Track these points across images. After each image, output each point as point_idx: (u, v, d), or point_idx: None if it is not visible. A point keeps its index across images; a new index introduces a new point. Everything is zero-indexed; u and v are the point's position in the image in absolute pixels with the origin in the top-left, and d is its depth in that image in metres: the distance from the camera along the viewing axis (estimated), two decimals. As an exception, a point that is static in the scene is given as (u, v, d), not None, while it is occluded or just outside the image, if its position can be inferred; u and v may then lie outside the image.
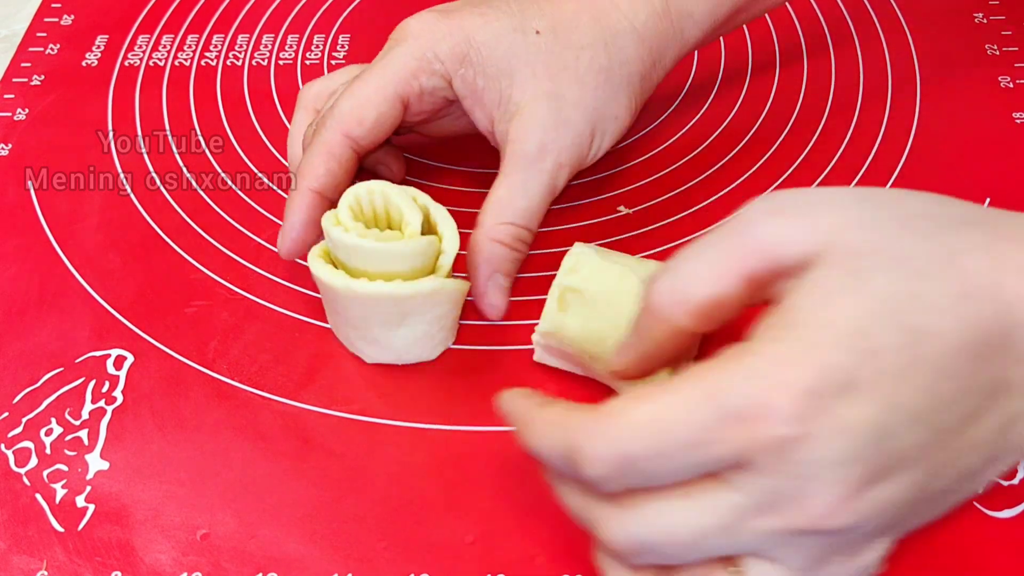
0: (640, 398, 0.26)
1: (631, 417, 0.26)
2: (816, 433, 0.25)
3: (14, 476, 0.37)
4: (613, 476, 0.26)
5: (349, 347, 0.40)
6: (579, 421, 0.27)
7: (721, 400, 0.25)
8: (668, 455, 0.26)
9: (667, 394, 0.26)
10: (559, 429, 0.27)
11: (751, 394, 0.25)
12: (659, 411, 0.26)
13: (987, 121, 0.48)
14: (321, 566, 0.34)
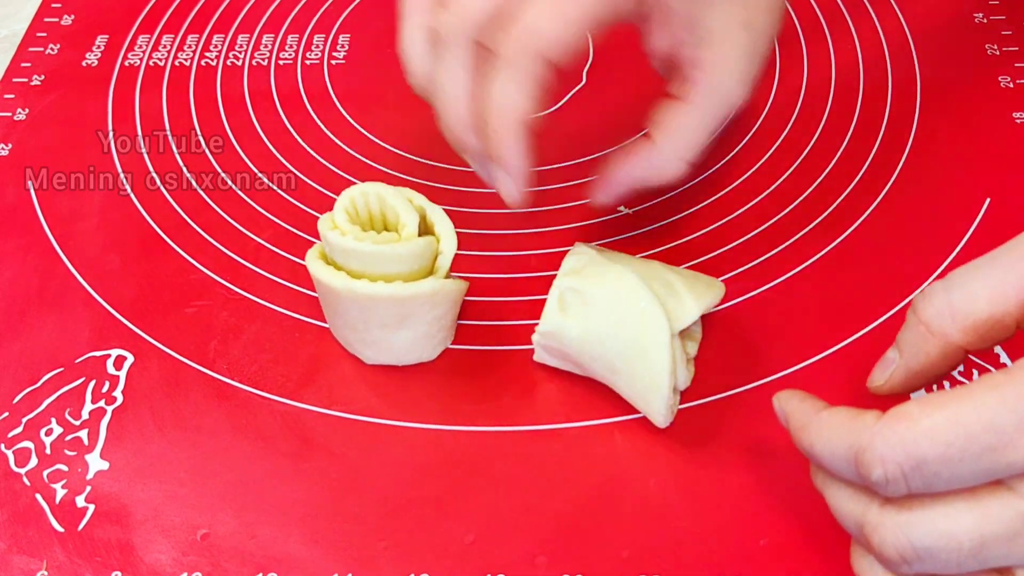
0: (936, 403, 0.26)
1: (928, 420, 0.26)
2: None
3: (14, 476, 0.37)
4: (900, 479, 0.26)
5: (348, 349, 0.40)
6: (870, 422, 0.27)
7: (1022, 407, 0.25)
8: (961, 459, 0.26)
9: (964, 400, 0.26)
10: (847, 430, 0.28)
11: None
12: (957, 414, 0.26)
13: (987, 121, 0.48)
14: (321, 566, 0.34)
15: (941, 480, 0.26)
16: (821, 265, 0.43)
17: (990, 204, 0.45)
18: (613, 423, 0.38)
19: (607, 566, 0.34)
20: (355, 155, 0.49)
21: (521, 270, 0.43)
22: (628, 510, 0.35)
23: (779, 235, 0.44)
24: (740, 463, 0.36)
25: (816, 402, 0.30)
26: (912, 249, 0.43)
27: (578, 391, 0.39)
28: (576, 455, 0.37)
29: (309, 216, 0.46)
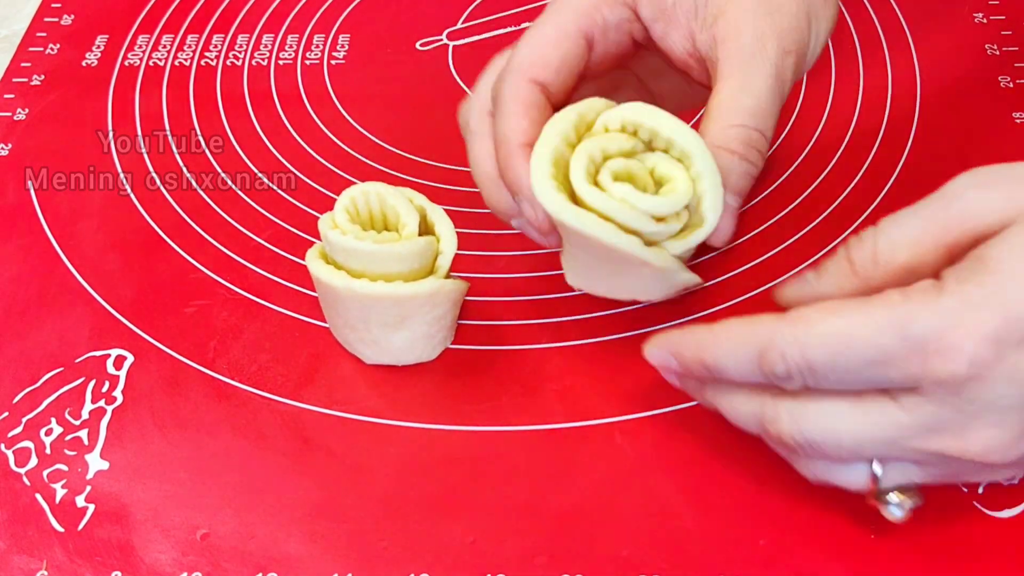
0: (833, 311, 0.29)
1: (822, 326, 0.28)
2: (991, 377, 0.27)
3: (14, 476, 0.37)
4: (797, 374, 0.29)
5: (348, 349, 0.40)
6: (770, 323, 0.30)
7: (909, 329, 0.27)
8: (846, 369, 0.28)
9: (859, 313, 0.28)
10: (749, 333, 0.30)
11: (938, 329, 0.27)
12: (849, 327, 0.28)
13: (987, 121, 0.48)
14: (321, 566, 0.34)
15: (829, 382, 0.29)
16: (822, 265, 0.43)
17: (990, 204, 0.44)
18: (613, 423, 0.38)
19: (607, 566, 0.34)
20: (355, 155, 0.49)
21: (521, 270, 0.43)
22: (628, 510, 0.35)
23: (779, 235, 0.44)
24: (740, 463, 0.36)
25: (696, 327, 0.32)
26: (912, 249, 0.43)
27: (578, 391, 0.39)
28: (576, 455, 0.37)
29: (309, 216, 0.46)
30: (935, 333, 0.27)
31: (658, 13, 0.36)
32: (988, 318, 0.27)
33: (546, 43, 0.35)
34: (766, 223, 0.44)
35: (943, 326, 0.27)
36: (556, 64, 0.35)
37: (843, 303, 0.29)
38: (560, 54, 0.35)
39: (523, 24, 0.56)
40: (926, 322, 0.27)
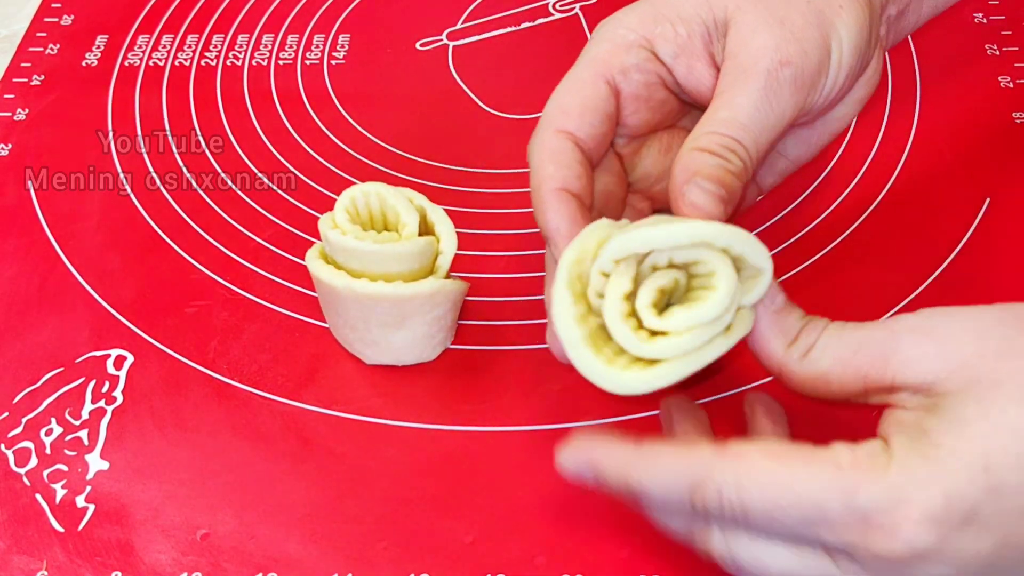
0: (777, 458, 0.28)
1: (763, 475, 0.27)
2: (932, 557, 0.26)
3: (14, 476, 0.37)
4: (730, 516, 0.28)
5: (348, 349, 0.40)
6: (708, 457, 0.28)
7: (855, 499, 0.26)
8: (785, 523, 0.27)
9: (805, 467, 0.27)
10: (684, 463, 0.29)
11: (883, 504, 0.26)
12: (792, 480, 0.27)
13: (987, 121, 0.48)
14: (321, 566, 0.34)
15: (761, 529, 0.28)
16: (820, 265, 0.43)
17: (990, 204, 0.45)
18: (613, 423, 0.38)
19: (607, 566, 0.34)
20: (355, 155, 0.49)
21: (521, 270, 0.43)
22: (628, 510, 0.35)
23: (779, 235, 0.44)
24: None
25: (620, 442, 0.30)
26: (912, 249, 0.43)
27: (578, 391, 0.39)
28: (576, 455, 0.37)
29: (309, 216, 0.46)
30: (880, 508, 0.26)
31: (675, 47, 0.35)
32: (931, 498, 0.26)
33: (565, 94, 0.35)
34: (764, 224, 0.44)
35: (888, 502, 0.26)
36: (577, 110, 0.34)
37: (788, 449, 0.28)
38: (580, 100, 0.34)
39: (523, 24, 0.56)
40: (873, 495, 0.26)
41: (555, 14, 0.57)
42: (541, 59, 0.54)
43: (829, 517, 0.27)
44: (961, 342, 0.28)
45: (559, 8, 0.57)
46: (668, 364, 0.29)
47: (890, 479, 0.27)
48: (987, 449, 0.26)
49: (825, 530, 0.27)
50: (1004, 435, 0.26)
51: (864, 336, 0.29)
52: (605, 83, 0.35)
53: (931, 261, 0.42)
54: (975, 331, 0.28)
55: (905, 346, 0.28)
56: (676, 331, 0.29)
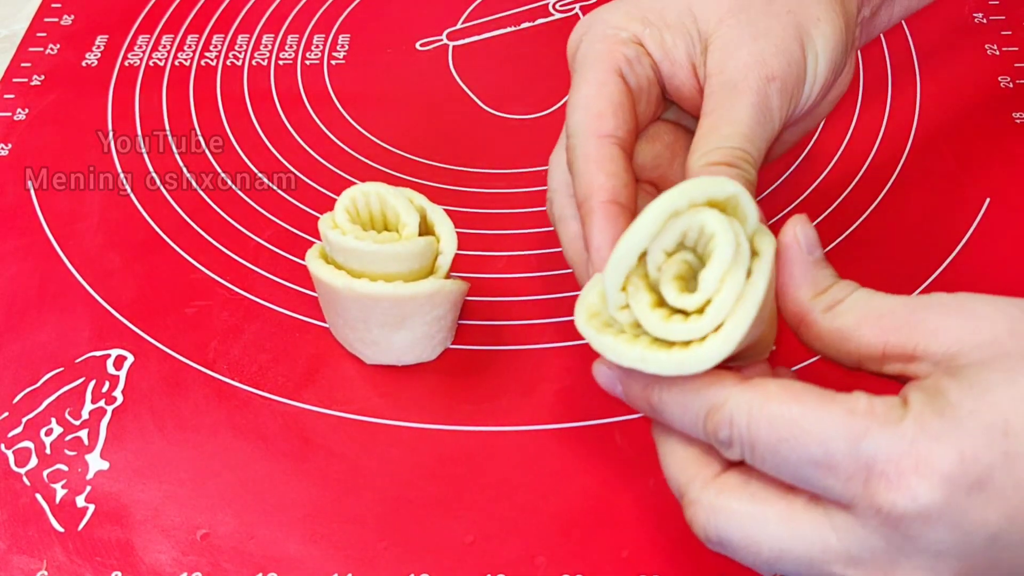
0: (794, 395, 0.27)
1: (776, 407, 0.26)
2: (933, 518, 0.25)
3: (14, 476, 0.37)
4: (737, 447, 0.27)
5: (348, 349, 0.40)
6: (728, 385, 0.28)
7: (862, 443, 0.25)
8: (789, 461, 0.26)
9: (818, 407, 0.26)
10: (704, 387, 0.28)
11: (891, 453, 0.25)
12: (803, 417, 0.26)
13: (987, 121, 0.48)
14: (321, 566, 0.34)
15: (766, 466, 0.27)
16: (821, 265, 0.43)
17: (990, 204, 0.45)
18: (613, 423, 0.38)
19: (607, 566, 0.34)
20: (355, 155, 0.49)
21: (521, 270, 0.43)
22: (628, 510, 0.35)
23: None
24: (740, 463, 0.36)
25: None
26: (912, 249, 0.43)
27: (578, 391, 0.39)
28: (576, 455, 0.37)
29: (309, 216, 0.46)
30: (887, 456, 0.25)
31: (662, 54, 0.35)
32: (944, 455, 0.25)
33: (591, 97, 0.34)
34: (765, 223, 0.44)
35: (898, 452, 0.25)
36: (611, 110, 0.34)
37: (806, 389, 0.27)
38: (608, 100, 0.34)
39: (523, 24, 0.56)
40: (882, 442, 0.25)
41: (555, 14, 0.57)
42: (541, 59, 0.54)
43: (834, 458, 0.26)
44: (994, 320, 0.27)
45: (559, 8, 0.57)
46: (732, 318, 0.28)
47: (903, 429, 0.25)
48: (1009, 414, 0.25)
49: (827, 474, 0.26)
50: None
51: (894, 303, 0.29)
52: (620, 78, 0.34)
53: (931, 261, 0.42)
54: (1010, 314, 0.27)
55: (935, 316, 0.28)
56: (714, 290, 0.28)
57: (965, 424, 0.25)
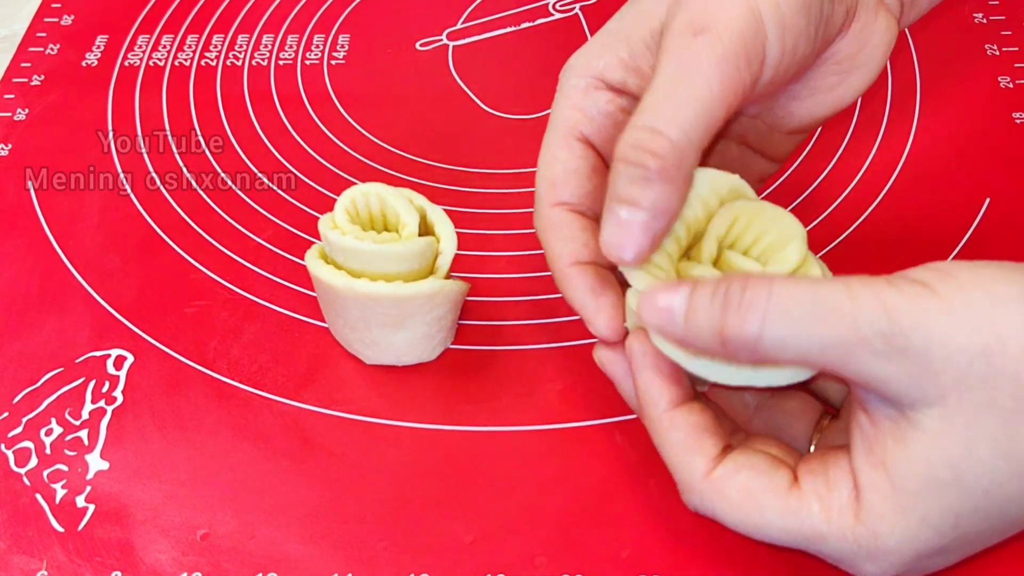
0: (749, 493, 0.30)
1: (740, 502, 0.30)
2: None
3: (14, 476, 0.37)
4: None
5: (348, 349, 0.40)
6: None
7: (822, 547, 0.30)
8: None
9: (777, 505, 0.30)
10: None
11: (847, 558, 0.29)
12: (765, 513, 0.30)
13: (987, 121, 0.48)
14: (321, 566, 0.34)
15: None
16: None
17: (990, 204, 0.45)
18: (613, 423, 0.38)
19: (607, 566, 0.34)
20: (355, 155, 0.49)
21: (521, 270, 0.43)
22: (628, 510, 0.35)
23: (779, 235, 0.44)
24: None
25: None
26: (912, 249, 0.43)
27: (578, 391, 0.39)
28: (576, 455, 0.37)
29: (309, 216, 0.46)
30: (845, 561, 0.29)
31: (624, 72, 0.34)
32: (902, 557, 0.28)
33: (545, 165, 0.35)
34: (766, 223, 0.44)
35: (855, 557, 0.29)
36: (561, 178, 0.34)
37: (770, 487, 0.30)
38: (561, 168, 0.34)
39: (523, 24, 0.56)
40: (837, 549, 0.29)
41: (555, 14, 0.57)
42: (541, 59, 0.54)
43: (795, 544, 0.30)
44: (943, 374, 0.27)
45: (559, 8, 0.57)
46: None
47: (858, 536, 0.28)
48: (952, 504, 0.27)
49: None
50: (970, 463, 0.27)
51: (847, 329, 0.28)
52: (577, 141, 0.34)
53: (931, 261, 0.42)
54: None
55: (879, 369, 0.28)
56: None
57: (918, 519, 0.27)
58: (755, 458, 0.30)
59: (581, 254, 0.34)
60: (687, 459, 0.31)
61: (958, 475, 0.27)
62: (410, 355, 0.39)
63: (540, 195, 0.35)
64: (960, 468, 0.26)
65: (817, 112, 0.36)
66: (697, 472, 0.30)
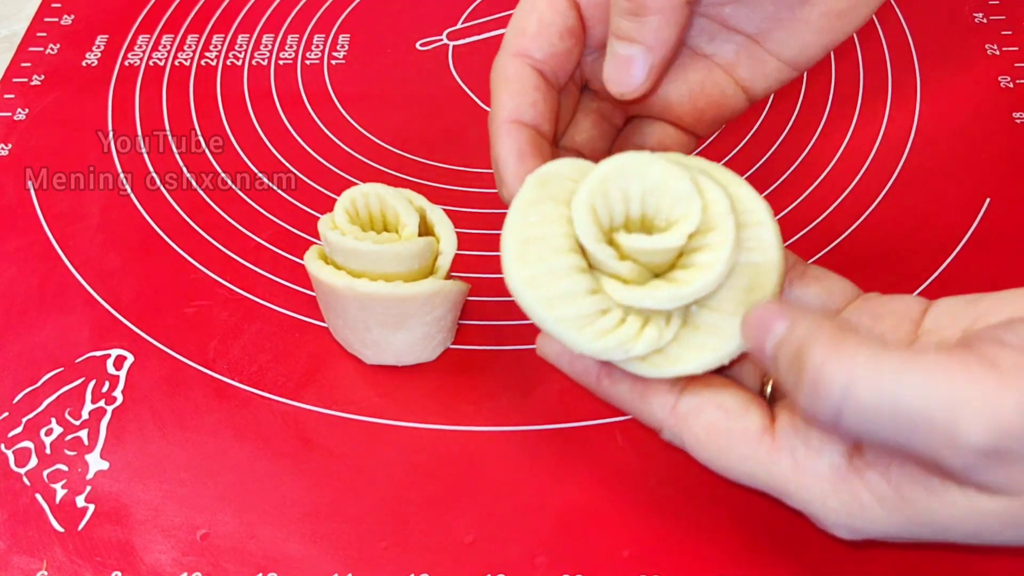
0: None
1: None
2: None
3: (14, 476, 0.37)
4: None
5: (348, 349, 0.40)
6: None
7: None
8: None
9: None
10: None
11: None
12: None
13: (987, 121, 0.48)
14: (321, 566, 0.34)
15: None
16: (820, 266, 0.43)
17: (990, 204, 0.45)
18: (613, 423, 0.38)
19: (607, 566, 0.34)
20: (355, 155, 0.49)
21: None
22: (628, 510, 0.35)
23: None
24: (740, 463, 0.36)
25: None
26: (912, 249, 0.43)
27: (578, 391, 0.39)
28: (576, 455, 0.37)
29: (309, 216, 0.46)
30: (810, 515, 0.28)
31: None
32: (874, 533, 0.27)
33: (522, 12, 0.33)
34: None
35: (822, 519, 0.28)
36: (534, 28, 0.33)
37: (738, 431, 0.28)
38: (536, 17, 0.33)
39: (523, 24, 0.56)
40: (803, 504, 0.28)
41: (555, 14, 0.56)
42: (541, 59, 0.54)
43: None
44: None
45: (559, 8, 0.57)
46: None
47: (835, 507, 0.27)
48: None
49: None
50: None
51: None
52: (571, 4, 0.33)
53: (931, 261, 0.42)
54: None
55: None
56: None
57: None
58: (723, 395, 0.29)
59: (525, 113, 0.32)
60: (653, 394, 0.30)
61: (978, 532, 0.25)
62: (410, 355, 0.39)
63: (506, 41, 0.33)
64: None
65: (810, 50, 0.35)
66: (666, 406, 0.30)
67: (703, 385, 0.29)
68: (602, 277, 0.29)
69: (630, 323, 0.29)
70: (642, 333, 0.29)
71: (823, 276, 0.32)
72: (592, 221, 0.28)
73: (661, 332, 0.29)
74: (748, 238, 0.29)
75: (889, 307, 0.30)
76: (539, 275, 0.29)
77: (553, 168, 0.30)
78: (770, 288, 0.29)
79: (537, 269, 0.29)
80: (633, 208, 0.29)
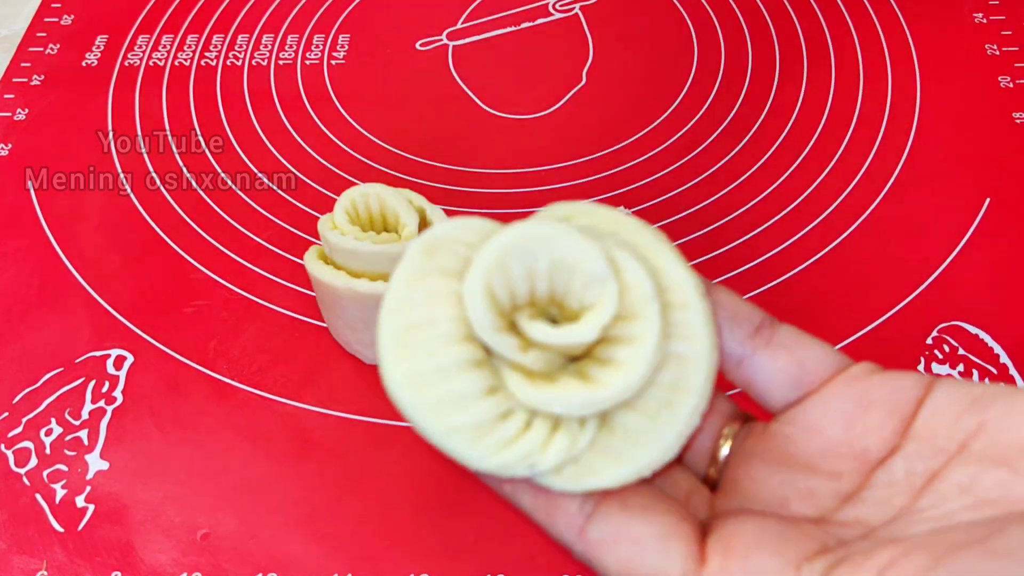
0: None
1: None
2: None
3: (14, 476, 0.37)
4: None
5: (348, 349, 0.40)
6: None
7: None
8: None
9: None
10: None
11: None
12: None
13: (987, 121, 0.48)
14: (321, 566, 0.34)
15: None
16: (821, 265, 0.43)
17: (990, 204, 0.45)
18: (613, 423, 0.38)
19: (607, 566, 0.34)
20: (355, 155, 0.49)
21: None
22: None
23: (779, 235, 0.44)
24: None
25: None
26: (912, 249, 0.43)
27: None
28: (576, 455, 0.37)
29: (309, 216, 0.46)
30: None
31: None
32: None
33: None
34: (764, 224, 0.44)
35: None
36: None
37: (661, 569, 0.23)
38: None
39: (523, 24, 0.56)
40: None
41: (555, 14, 0.57)
42: (541, 59, 0.54)
43: None
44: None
45: (559, 8, 0.57)
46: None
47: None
48: None
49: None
50: None
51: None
52: None
53: (931, 261, 0.42)
54: None
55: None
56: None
57: None
58: (640, 523, 0.24)
59: None
60: (558, 511, 0.25)
61: None
62: (410, 355, 0.39)
63: None
64: None
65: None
66: (573, 527, 0.25)
67: (618, 506, 0.24)
68: (503, 367, 0.24)
69: (537, 428, 0.23)
70: (551, 441, 0.23)
71: (795, 343, 0.26)
72: (489, 306, 0.23)
73: (574, 439, 0.24)
74: (674, 323, 0.23)
75: (879, 394, 0.25)
76: (423, 372, 0.23)
77: (443, 232, 0.25)
78: (699, 386, 0.23)
79: (421, 364, 0.23)
80: (540, 286, 0.24)
